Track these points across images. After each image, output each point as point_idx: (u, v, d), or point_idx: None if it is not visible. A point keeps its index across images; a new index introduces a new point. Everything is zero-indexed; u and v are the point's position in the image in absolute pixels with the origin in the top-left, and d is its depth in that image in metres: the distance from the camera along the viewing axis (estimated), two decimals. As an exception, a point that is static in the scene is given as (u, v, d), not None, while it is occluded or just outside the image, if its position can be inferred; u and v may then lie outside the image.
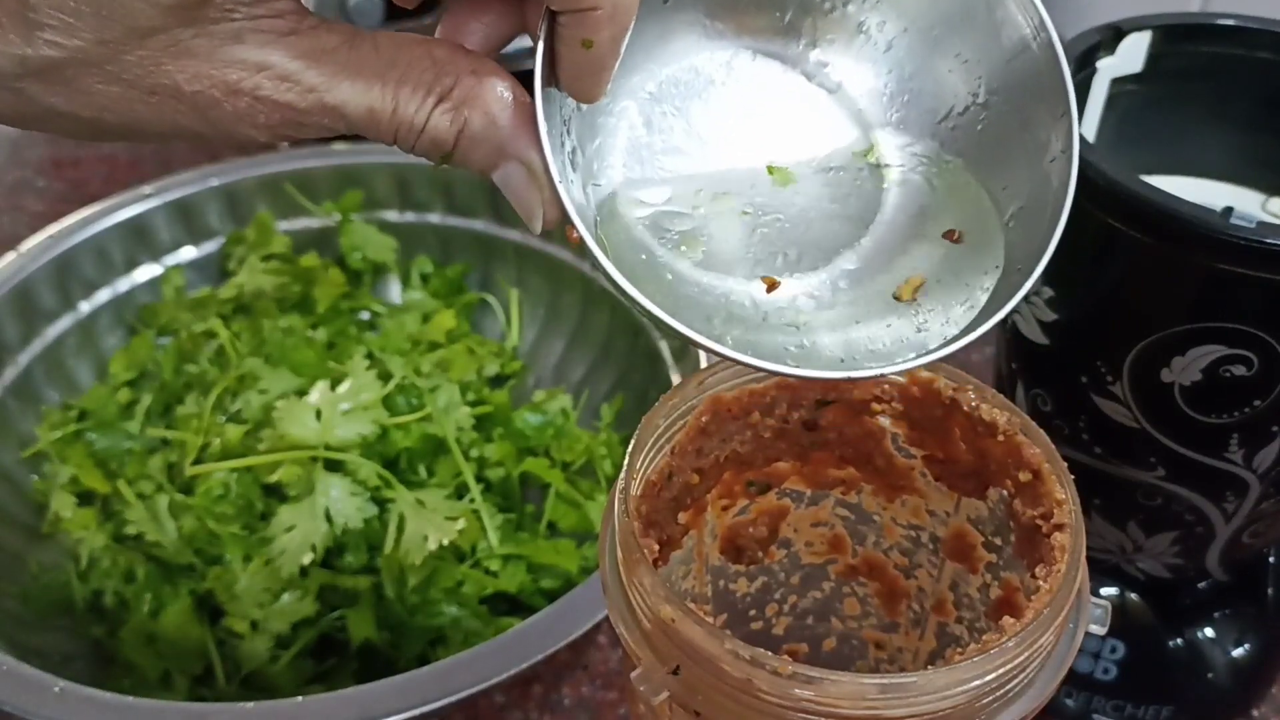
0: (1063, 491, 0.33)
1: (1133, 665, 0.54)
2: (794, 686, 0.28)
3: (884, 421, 0.38)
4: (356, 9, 0.81)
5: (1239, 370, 0.42)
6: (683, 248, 0.33)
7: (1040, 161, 0.32)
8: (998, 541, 0.37)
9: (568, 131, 0.32)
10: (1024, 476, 0.35)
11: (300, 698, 0.46)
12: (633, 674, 0.30)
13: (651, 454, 0.35)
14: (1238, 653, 0.54)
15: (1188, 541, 0.49)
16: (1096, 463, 0.48)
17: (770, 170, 0.34)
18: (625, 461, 0.33)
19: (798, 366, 0.30)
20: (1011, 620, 0.30)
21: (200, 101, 0.29)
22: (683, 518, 0.37)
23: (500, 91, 0.30)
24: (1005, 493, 0.36)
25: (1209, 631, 0.54)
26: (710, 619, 0.29)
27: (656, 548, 0.32)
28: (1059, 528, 0.33)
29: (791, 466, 0.39)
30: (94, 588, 0.58)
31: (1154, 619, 0.54)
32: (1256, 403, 0.42)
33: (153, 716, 0.46)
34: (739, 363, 0.29)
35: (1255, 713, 0.56)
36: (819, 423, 0.38)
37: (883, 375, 0.31)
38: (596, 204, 0.33)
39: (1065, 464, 0.34)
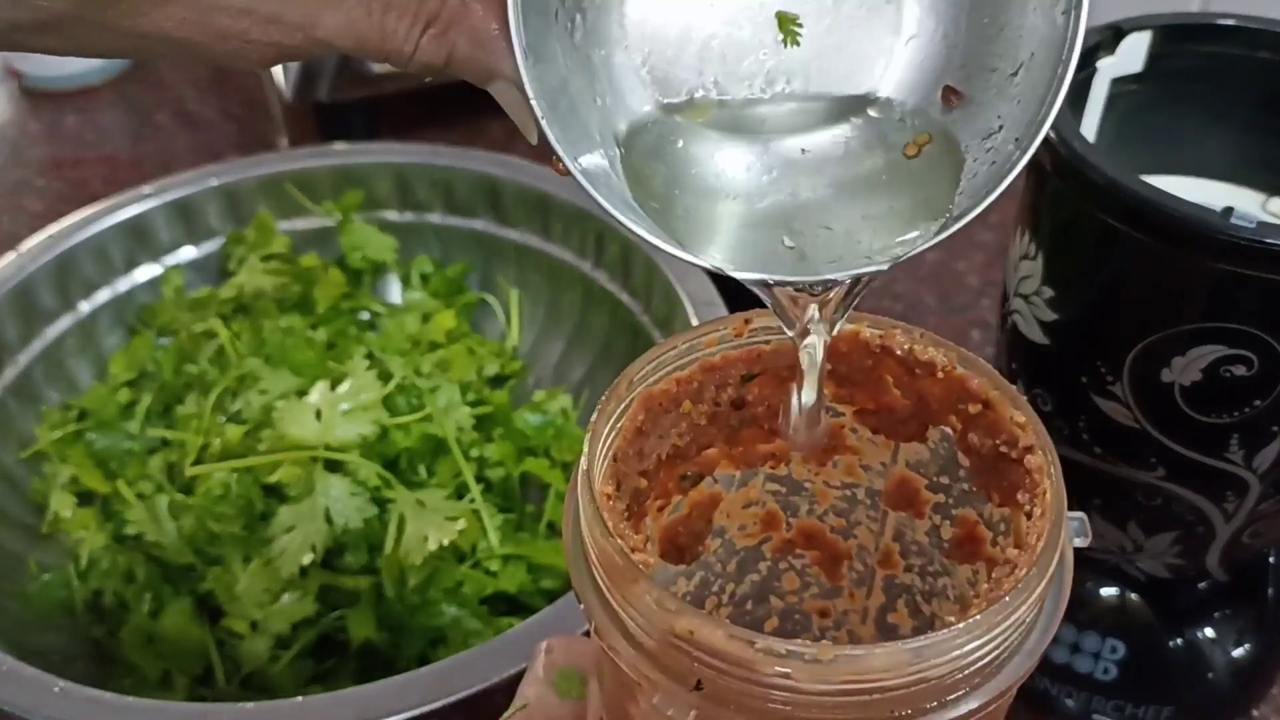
0: (1021, 414, 0.32)
1: (1133, 665, 0.54)
2: (837, 670, 0.26)
3: None
4: None
5: (1239, 370, 0.42)
6: (694, 116, 0.33)
7: (1052, 11, 0.31)
8: (944, 480, 0.36)
9: (571, 34, 0.31)
10: (973, 409, 0.34)
11: (300, 698, 0.46)
12: (654, 700, 0.28)
13: (602, 464, 0.33)
14: (1238, 653, 0.54)
15: (1188, 542, 0.49)
16: (1096, 463, 0.48)
17: (780, 20, 0.34)
18: (583, 480, 0.31)
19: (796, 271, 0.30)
20: (1016, 550, 0.30)
21: (190, 45, 0.29)
22: (632, 525, 0.35)
23: (483, 11, 0.30)
24: (949, 430, 0.35)
25: (1209, 631, 0.54)
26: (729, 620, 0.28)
27: (652, 561, 0.30)
28: (1028, 450, 0.32)
29: (720, 451, 0.37)
30: (94, 588, 0.58)
31: (1154, 619, 0.54)
32: (1257, 403, 0.42)
33: (153, 716, 0.46)
34: (732, 277, 0.29)
35: (1255, 713, 0.56)
36: (746, 399, 0.36)
37: (899, 260, 0.30)
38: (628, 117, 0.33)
39: (1014, 388, 0.33)
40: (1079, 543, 0.31)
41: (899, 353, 0.35)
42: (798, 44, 0.34)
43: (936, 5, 0.34)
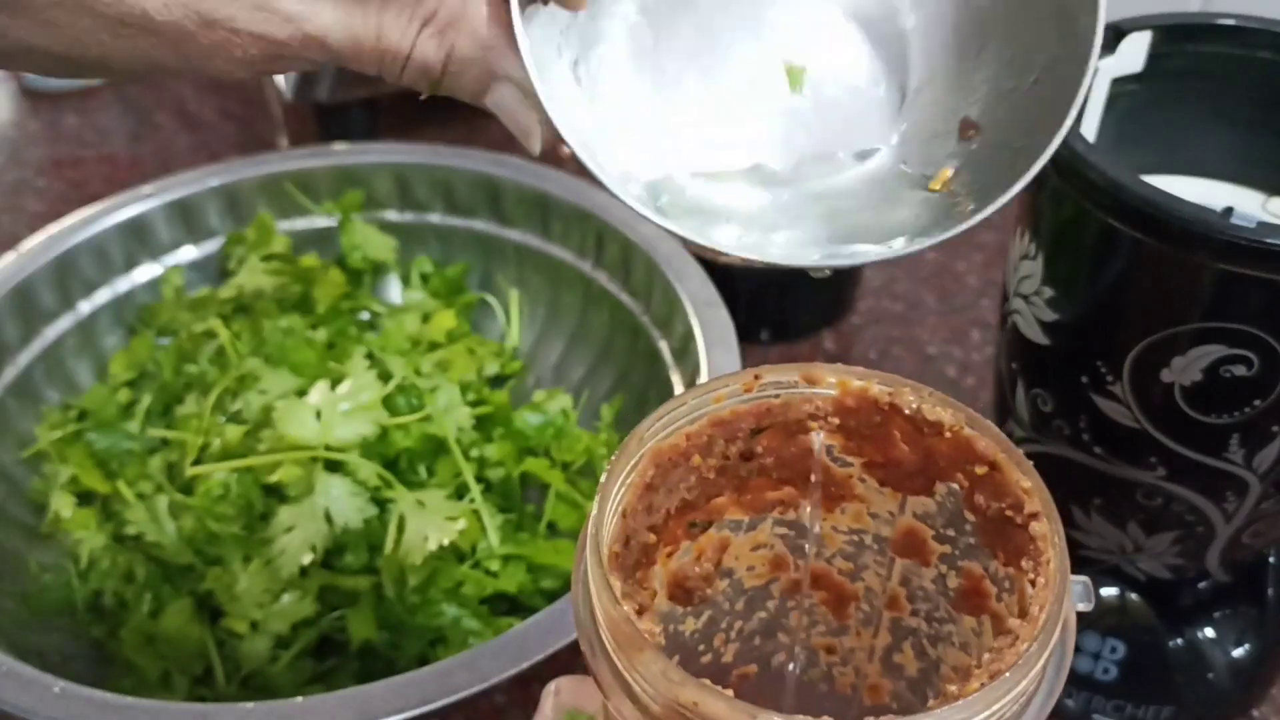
0: (1027, 480, 0.33)
1: (1133, 665, 0.54)
2: None
3: (819, 437, 0.37)
4: None
5: (1239, 370, 0.42)
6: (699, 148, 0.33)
7: (1072, 27, 0.32)
8: (950, 533, 0.37)
9: (565, 42, 0.31)
10: (980, 470, 0.34)
11: (300, 698, 0.46)
12: None
13: (611, 523, 0.33)
14: (1238, 653, 0.54)
15: (1188, 541, 0.49)
16: (1096, 463, 0.48)
17: (789, 73, 0.34)
18: (592, 544, 0.31)
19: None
20: (1018, 621, 0.30)
21: (173, 33, 0.27)
22: (639, 576, 0.36)
23: (485, 11, 0.29)
24: (955, 487, 0.35)
25: (1209, 631, 0.54)
26: (729, 692, 0.28)
27: (658, 630, 0.31)
28: (1033, 517, 0.32)
29: (729, 499, 0.38)
30: (94, 588, 0.58)
31: (1154, 619, 0.54)
32: (1257, 403, 0.42)
33: (153, 716, 0.46)
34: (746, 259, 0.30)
35: (1255, 713, 0.56)
36: (755, 450, 0.37)
37: (922, 250, 0.31)
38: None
39: (1021, 452, 0.34)
40: (1082, 607, 0.32)
41: (907, 411, 0.35)
42: (801, 93, 0.34)
43: (944, 50, 0.34)
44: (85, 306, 0.69)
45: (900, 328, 0.79)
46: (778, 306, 0.76)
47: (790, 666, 0.43)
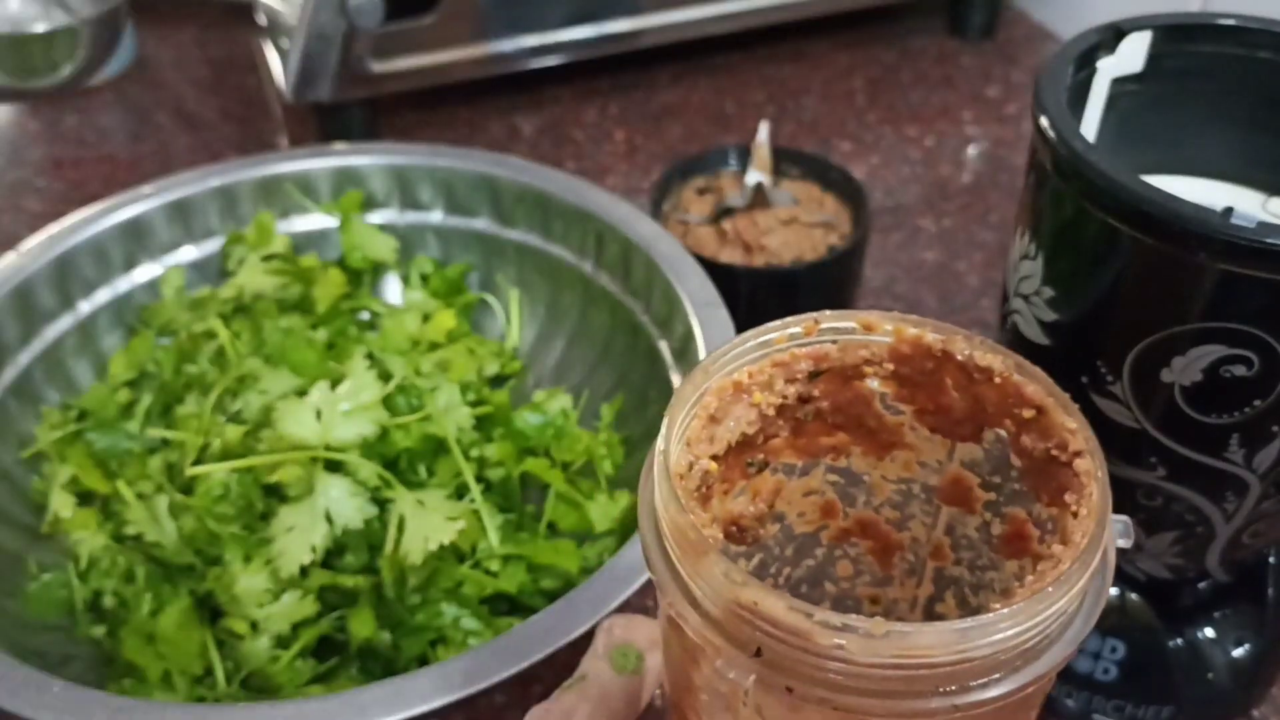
0: (1073, 421, 0.34)
1: (1133, 665, 0.54)
2: (888, 645, 0.28)
3: (873, 384, 0.38)
4: (356, 9, 0.81)
5: (1239, 370, 0.42)
6: None
7: None
8: (996, 480, 0.38)
9: None
10: (1027, 414, 0.35)
11: (300, 698, 0.46)
12: (717, 663, 0.30)
13: (678, 447, 0.35)
14: (1238, 653, 0.54)
15: (1188, 541, 0.49)
16: (1096, 463, 0.48)
17: None
18: (660, 460, 0.32)
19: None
20: (1061, 547, 0.32)
21: None
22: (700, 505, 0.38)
23: None
24: (1003, 433, 0.37)
25: (1209, 631, 0.54)
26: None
27: (721, 535, 0.32)
28: (1078, 454, 0.34)
29: (785, 441, 0.39)
30: (94, 588, 0.58)
31: (1154, 619, 0.54)
32: (1257, 403, 0.42)
33: (153, 716, 0.46)
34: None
35: (1255, 713, 0.56)
36: (812, 394, 0.38)
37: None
38: None
39: (1067, 396, 0.35)
40: (1122, 543, 0.33)
41: (959, 357, 0.36)
42: None
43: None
44: (85, 306, 0.69)
45: (900, 328, 0.79)
46: (778, 306, 0.76)
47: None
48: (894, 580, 0.43)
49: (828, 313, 0.37)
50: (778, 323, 0.37)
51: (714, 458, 0.37)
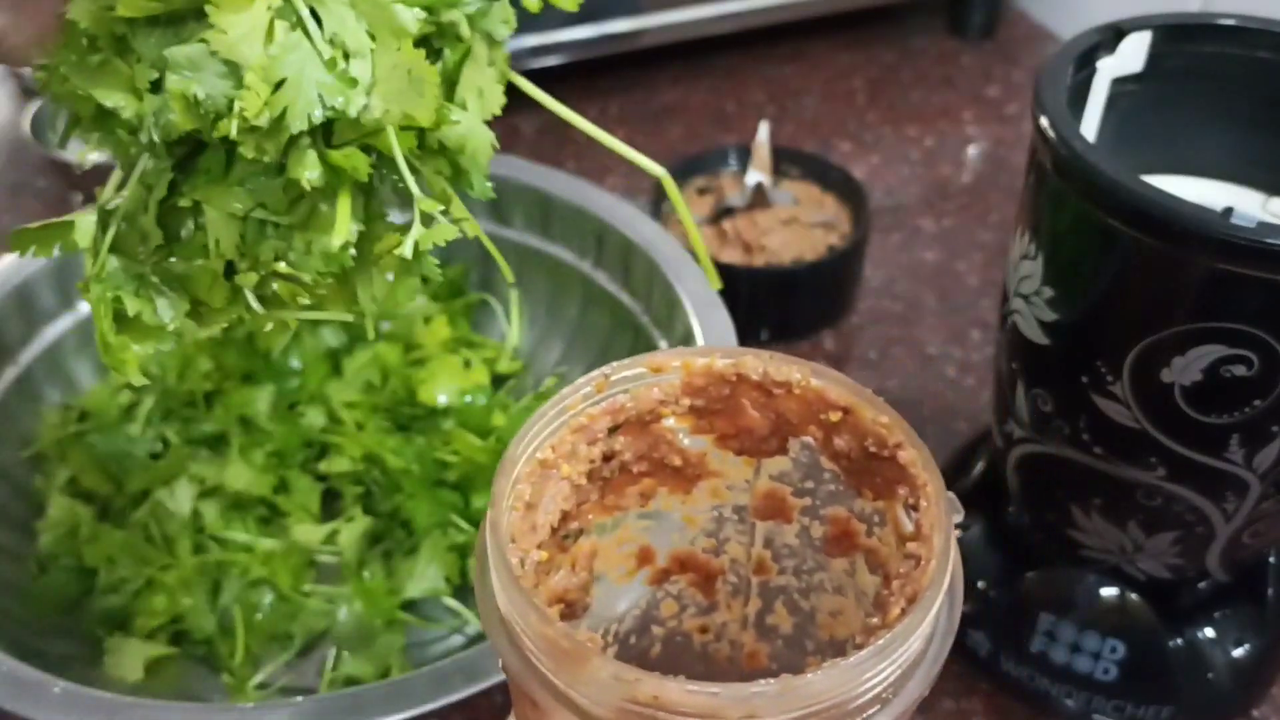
0: (884, 415, 0.34)
1: (1133, 665, 0.54)
2: (796, 698, 0.28)
3: (670, 423, 0.38)
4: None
5: (1239, 370, 0.42)
6: None
7: None
8: (809, 485, 0.39)
9: None
10: (834, 416, 0.36)
11: (300, 698, 0.46)
12: None
13: (512, 551, 0.33)
14: (1238, 653, 0.54)
15: (1188, 541, 0.49)
16: (1096, 463, 0.48)
17: None
18: (509, 578, 0.30)
19: None
20: (916, 544, 0.32)
21: None
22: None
23: None
24: (810, 439, 0.37)
25: (1209, 631, 0.54)
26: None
27: (600, 639, 0.31)
28: (898, 446, 0.34)
29: (594, 504, 0.39)
30: (94, 587, 0.58)
31: (1154, 619, 0.54)
32: (1256, 403, 0.42)
33: (153, 716, 0.46)
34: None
35: (1255, 713, 0.56)
36: (614, 449, 0.38)
37: None
38: None
39: (870, 391, 0.35)
40: (956, 518, 0.33)
41: (754, 377, 0.36)
42: None
43: None
44: (85, 306, 0.69)
45: (900, 328, 0.79)
46: (778, 306, 0.76)
47: (662, 656, 0.44)
48: (719, 605, 0.43)
49: (615, 364, 0.37)
50: (570, 387, 0.36)
51: (539, 545, 0.35)
